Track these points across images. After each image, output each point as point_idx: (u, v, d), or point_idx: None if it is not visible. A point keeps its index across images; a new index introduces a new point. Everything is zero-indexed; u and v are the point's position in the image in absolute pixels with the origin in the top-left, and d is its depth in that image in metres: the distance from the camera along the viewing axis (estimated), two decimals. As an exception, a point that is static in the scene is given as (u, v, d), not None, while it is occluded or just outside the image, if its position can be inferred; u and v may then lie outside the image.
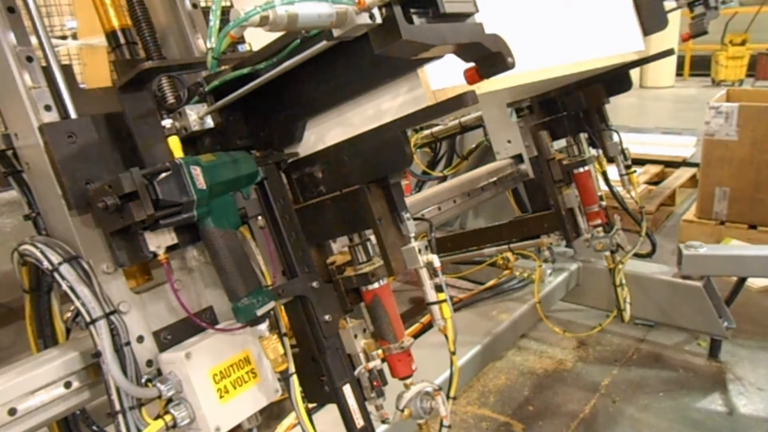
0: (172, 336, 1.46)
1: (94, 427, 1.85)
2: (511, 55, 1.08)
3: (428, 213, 2.75)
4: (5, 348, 3.35)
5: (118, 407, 1.33)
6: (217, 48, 1.12)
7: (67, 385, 1.42)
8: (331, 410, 1.60)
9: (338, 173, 1.47)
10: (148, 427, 1.32)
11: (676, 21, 3.42)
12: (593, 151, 2.90)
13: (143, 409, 1.35)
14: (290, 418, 2.36)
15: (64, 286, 1.34)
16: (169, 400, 1.39)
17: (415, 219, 1.50)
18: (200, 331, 1.48)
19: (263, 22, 0.94)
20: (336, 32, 1.00)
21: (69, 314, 1.60)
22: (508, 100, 2.98)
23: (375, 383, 1.58)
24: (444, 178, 4.00)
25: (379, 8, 0.95)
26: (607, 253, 2.95)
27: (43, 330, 1.60)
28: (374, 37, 1.00)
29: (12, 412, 1.33)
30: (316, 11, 0.94)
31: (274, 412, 2.48)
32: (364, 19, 0.94)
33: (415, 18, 0.97)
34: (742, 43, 10.83)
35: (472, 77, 1.12)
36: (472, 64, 1.11)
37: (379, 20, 0.95)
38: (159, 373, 1.43)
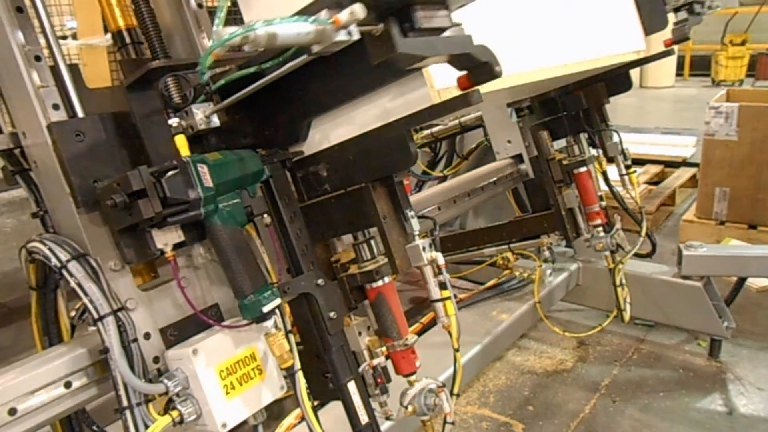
0: (178, 333, 1.47)
1: (94, 427, 1.86)
2: (498, 64, 1.15)
3: (428, 213, 2.76)
4: (5, 348, 3.35)
5: (125, 403, 1.34)
6: (203, 63, 1.15)
7: (69, 384, 1.43)
8: (336, 407, 1.61)
9: (343, 172, 1.49)
10: (156, 423, 1.33)
11: (676, 22, 3.43)
12: (593, 151, 2.91)
13: (150, 405, 1.36)
14: (290, 418, 2.36)
15: (72, 283, 1.35)
16: (171, 399, 1.40)
17: (420, 217, 1.51)
18: (206, 328, 1.49)
19: (244, 42, 0.99)
20: (316, 48, 1.06)
21: (74, 312, 1.61)
22: (508, 100, 2.99)
23: (379, 380, 1.59)
24: (444, 178, 4.01)
25: (359, 24, 1.01)
26: (607, 253, 2.95)
27: (48, 327, 1.61)
28: (372, 50, 1.07)
29: (12, 412, 1.34)
30: (295, 30, 1.00)
31: (274, 411, 2.48)
32: (342, 36, 1.01)
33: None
34: (742, 43, 10.84)
35: (464, 84, 1.19)
36: (464, 72, 1.18)
37: (357, 36, 1.02)
38: (165, 370, 1.44)
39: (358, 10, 0.97)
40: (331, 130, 1.50)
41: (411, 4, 1.05)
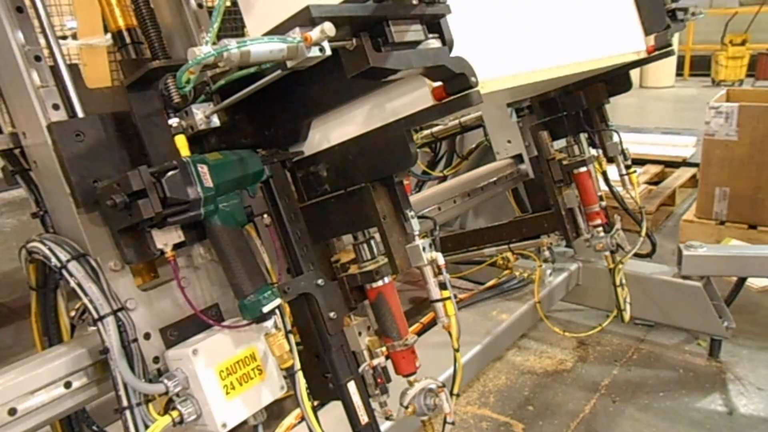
0: (178, 333, 1.47)
1: (94, 427, 1.86)
2: (474, 75, 1.21)
3: (428, 213, 2.75)
4: (5, 348, 3.35)
5: (125, 403, 1.34)
6: (179, 80, 1.16)
7: (69, 384, 1.44)
8: (336, 407, 1.61)
9: (343, 172, 1.49)
10: (156, 423, 1.33)
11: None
12: (593, 151, 2.91)
13: (150, 405, 1.37)
14: (290, 418, 2.36)
15: (72, 284, 1.35)
16: (171, 399, 1.40)
17: (420, 217, 1.51)
18: (206, 328, 1.49)
19: (218, 61, 1.02)
20: (290, 63, 1.09)
21: (74, 312, 1.61)
22: (508, 100, 2.99)
23: (379, 380, 1.59)
24: (444, 178, 4.01)
25: (334, 40, 1.05)
26: (607, 253, 2.95)
27: (48, 327, 1.62)
28: (346, 64, 1.14)
29: (12, 412, 1.34)
30: (268, 48, 1.04)
31: (274, 411, 2.48)
32: (314, 52, 1.05)
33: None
34: (742, 43, 10.83)
35: (439, 95, 1.26)
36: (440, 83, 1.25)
37: (329, 52, 1.06)
38: (165, 370, 1.44)
39: (328, 29, 1.02)
40: (331, 130, 1.50)
41: (384, 20, 1.10)
